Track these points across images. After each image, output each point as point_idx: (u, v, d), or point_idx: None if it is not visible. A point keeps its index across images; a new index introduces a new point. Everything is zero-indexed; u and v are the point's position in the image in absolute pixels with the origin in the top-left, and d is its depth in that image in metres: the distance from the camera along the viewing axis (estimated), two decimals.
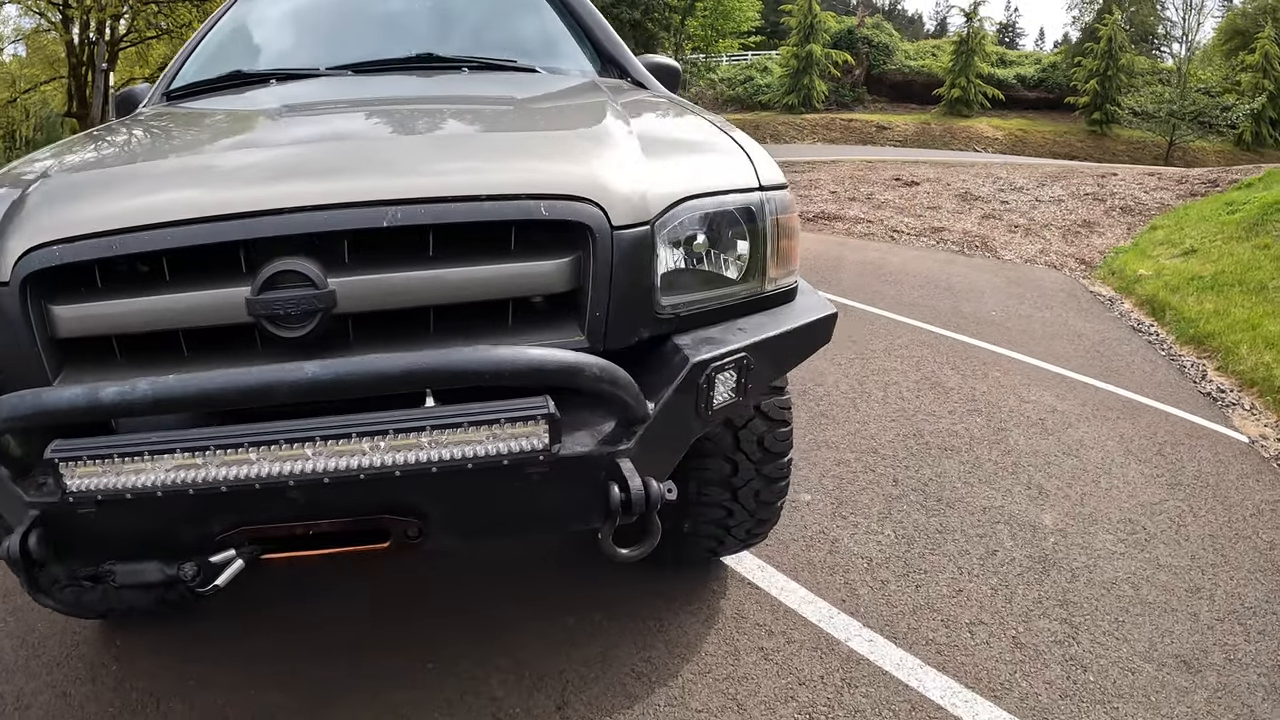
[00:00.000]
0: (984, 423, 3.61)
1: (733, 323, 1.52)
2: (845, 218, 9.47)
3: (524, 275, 1.32)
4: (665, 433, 1.38)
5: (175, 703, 2.00)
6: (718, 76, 32.20)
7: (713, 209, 1.48)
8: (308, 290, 1.21)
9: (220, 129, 2.00)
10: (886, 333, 4.98)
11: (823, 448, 3.35)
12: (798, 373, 4.17)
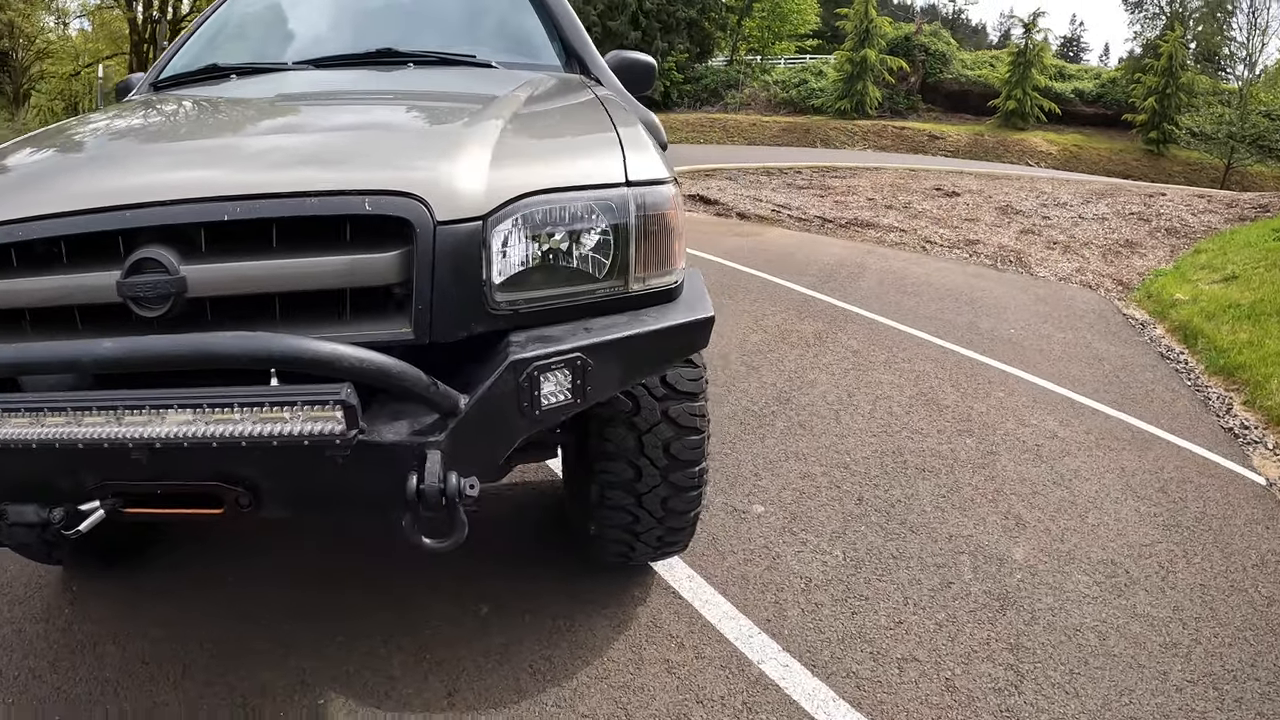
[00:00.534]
0: (973, 445, 3.38)
1: (582, 322, 1.47)
2: (878, 225, 9.19)
3: (353, 268, 1.36)
4: (483, 429, 1.37)
5: (110, 646, 2.18)
6: (772, 79, 31.82)
7: (561, 204, 1.45)
8: (162, 276, 1.31)
9: (150, 123, 2.03)
10: (891, 344, 4.75)
11: (791, 459, 3.17)
12: (781, 379, 4.12)
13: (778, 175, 14.19)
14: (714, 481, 2.97)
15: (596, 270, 1.49)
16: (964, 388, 4.09)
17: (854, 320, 5.26)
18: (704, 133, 27.72)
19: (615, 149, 1.58)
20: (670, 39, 30.29)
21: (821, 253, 7.55)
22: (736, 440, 3.34)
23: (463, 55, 2.52)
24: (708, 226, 8.94)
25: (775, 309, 5.45)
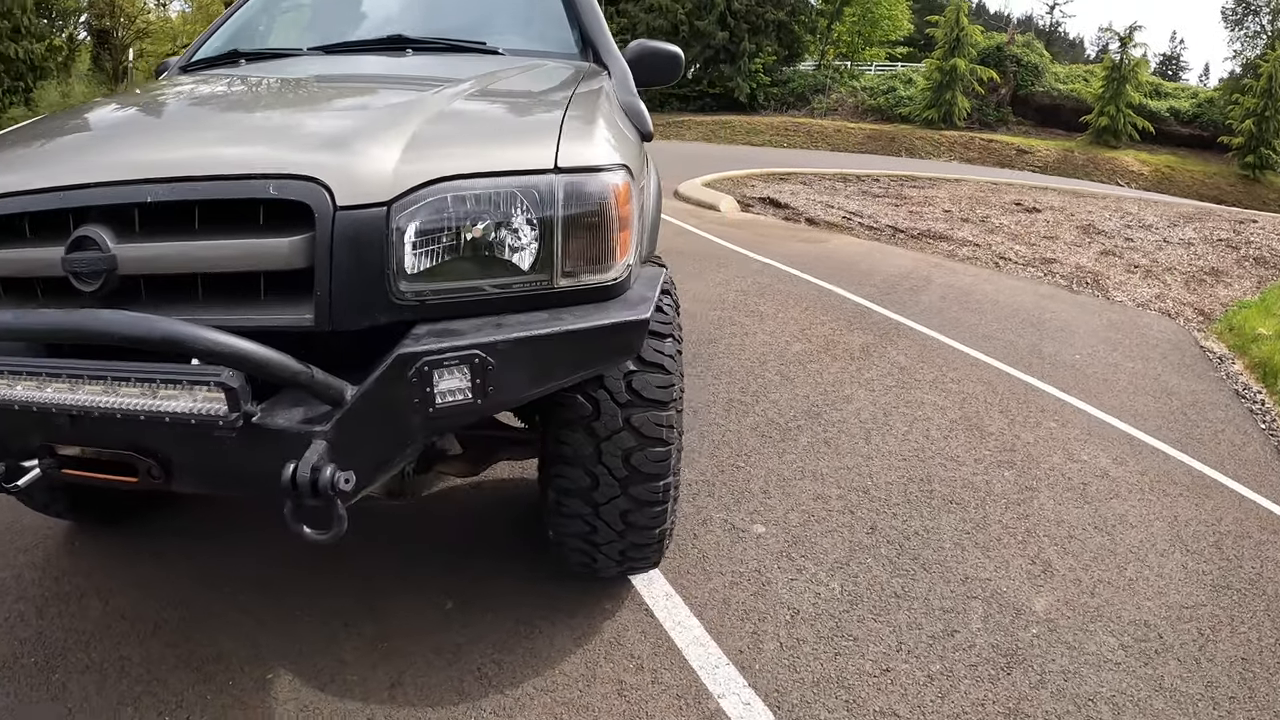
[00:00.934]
0: (1011, 479, 3.13)
1: (496, 318, 1.39)
2: (952, 239, 8.77)
3: (259, 251, 1.35)
4: (372, 423, 1.32)
5: (94, 600, 2.28)
6: (860, 85, 31.03)
7: (476, 191, 1.38)
8: (96, 254, 1.36)
9: (129, 109, 2.05)
10: (942, 363, 4.48)
11: (807, 478, 2.99)
12: (815, 392, 3.93)
13: (854, 182, 13.77)
14: (719, 495, 2.83)
15: (517, 263, 1.41)
16: (1013, 414, 3.81)
17: (907, 335, 4.99)
18: (788, 137, 27.23)
19: (551, 134, 1.49)
20: (758, 41, 29.86)
21: (887, 263, 7.24)
22: (753, 453, 3.18)
23: (470, 42, 2.51)
24: (773, 230, 8.71)
25: (825, 319, 5.23)
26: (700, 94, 30.54)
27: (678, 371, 1.84)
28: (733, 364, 4.23)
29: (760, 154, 21.13)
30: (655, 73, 2.61)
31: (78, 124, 1.89)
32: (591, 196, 1.44)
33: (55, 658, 2.11)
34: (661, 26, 29.10)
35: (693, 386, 3.87)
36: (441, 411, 1.33)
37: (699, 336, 4.64)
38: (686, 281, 5.94)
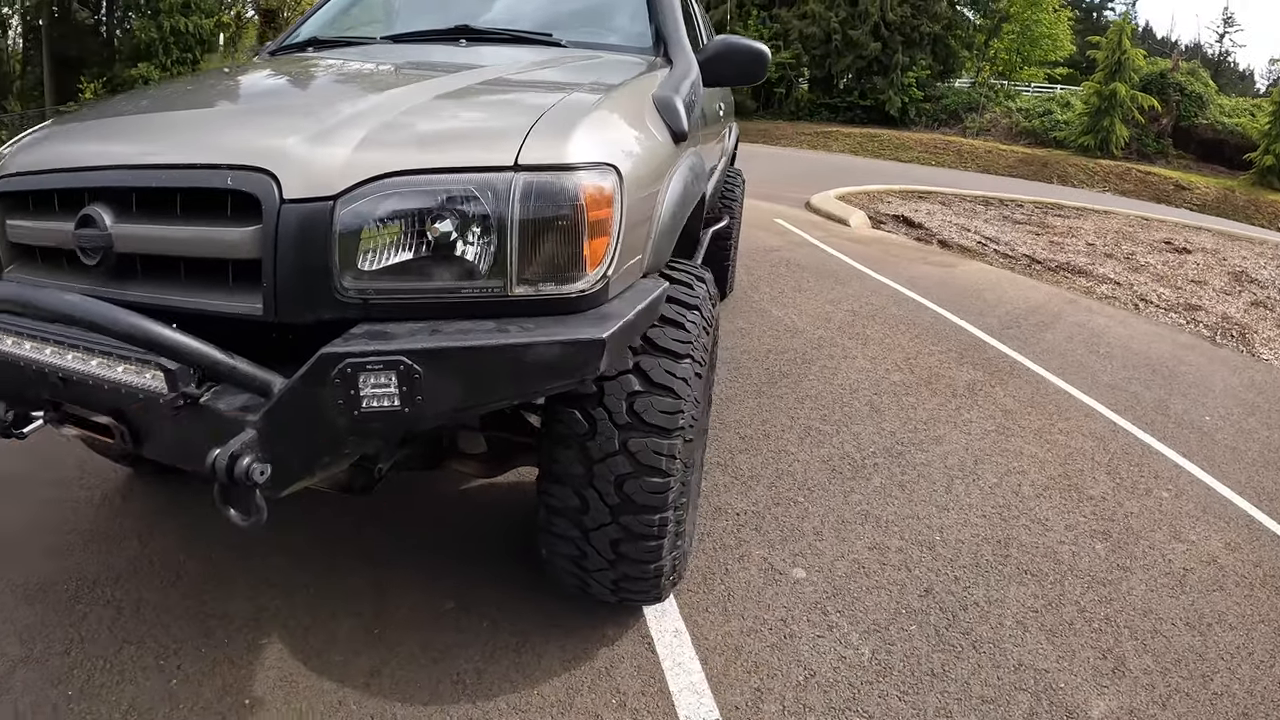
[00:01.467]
0: (1103, 553, 2.72)
1: (436, 323, 1.31)
2: (1091, 274, 7.99)
3: (218, 239, 1.38)
4: (300, 419, 1.27)
5: (133, 541, 2.41)
6: (1015, 105, 29.08)
7: (424, 187, 1.31)
8: (96, 231, 1.45)
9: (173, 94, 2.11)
10: (1053, 410, 4.02)
11: (868, 523, 2.72)
12: (903, 428, 3.61)
13: (996, 206, 12.85)
14: (765, 530, 2.62)
15: (467, 267, 1.32)
16: (1121, 477, 3.35)
17: (1021, 375, 4.53)
18: (937, 155, 25.89)
19: (522, 128, 1.38)
20: (912, 54, 28.52)
21: (1015, 295, 6.66)
22: (816, 489, 2.94)
23: (535, 33, 2.47)
24: (901, 250, 8.22)
25: (935, 349, 4.84)
26: (851, 105, 29.56)
27: (691, 397, 1.67)
28: (821, 389, 3.97)
29: (905, 170, 20.19)
30: (738, 71, 2.46)
31: (119, 108, 1.97)
32: (555, 198, 1.33)
33: (84, 588, 2.22)
34: (814, 34, 28.37)
35: (771, 408, 3.65)
36: (368, 415, 1.25)
37: (793, 356, 4.40)
38: (794, 296, 5.69)
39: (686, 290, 1.81)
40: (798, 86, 30.73)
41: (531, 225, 1.31)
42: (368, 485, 1.59)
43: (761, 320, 5.04)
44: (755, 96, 30.13)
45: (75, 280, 1.54)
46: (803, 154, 22.81)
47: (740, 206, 5.32)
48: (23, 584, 2.23)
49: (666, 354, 1.66)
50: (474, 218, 1.30)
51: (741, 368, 4.17)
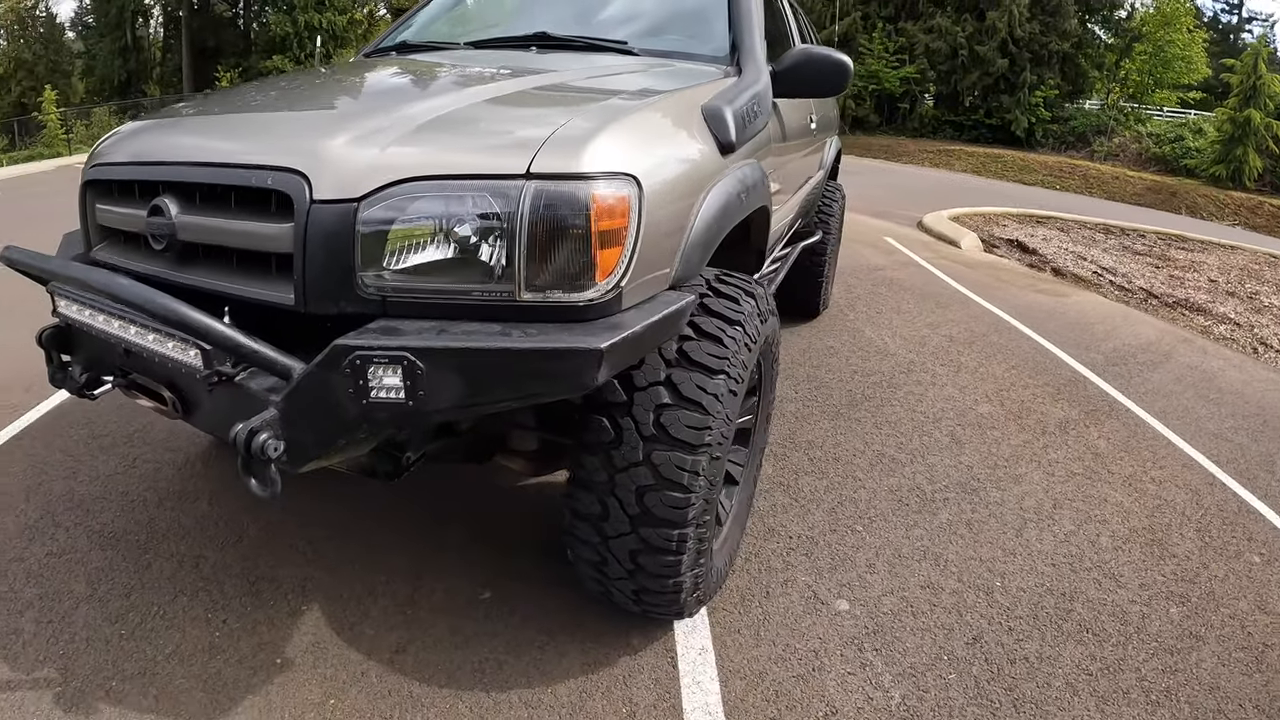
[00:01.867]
0: (1176, 618, 2.46)
1: (445, 323, 1.37)
2: (1210, 313, 7.35)
3: (259, 233, 1.48)
4: (315, 404, 1.35)
5: (204, 502, 2.61)
6: (1146, 130, 27.10)
7: (439, 193, 1.36)
8: (163, 220, 1.59)
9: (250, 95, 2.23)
10: (1148, 457, 3.70)
11: (926, 560, 2.59)
12: (982, 463, 3.45)
13: (1116, 235, 12.02)
14: (816, 557, 2.54)
15: (478, 270, 1.36)
16: (1210, 537, 3.05)
17: (1119, 416, 4.21)
18: (1061, 179, 24.44)
19: (540, 137, 1.40)
20: (1040, 72, 26.99)
21: (1127, 330, 6.21)
22: (878, 519, 2.82)
23: (609, 41, 2.51)
24: (1012, 276, 7.81)
25: (1030, 382, 4.57)
26: (976, 124, 28.31)
27: (722, 415, 1.63)
28: (903, 415, 3.81)
29: (1027, 194, 19.18)
30: (818, 82, 2.40)
31: (198, 105, 2.14)
32: (564, 206, 1.34)
33: (153, 541, 2.39)
34: (940, 49, 27.34)
35: (847, 431, 3.54)
36: (376, 405, 1.31)
37: (880, 379, 4.25)
38: (891, 318, 5.50)
39: (730, 305, 1.77)
40: (922, 102, 29.73)
41: (540, 233, 1.33)
42: (393, 472, 1.63)
43: (852, 340, 4.89)
44: (879, 111, 29.37)
45: (147, 262, 1.69)
46: (923, 172, 22.05)
47: (839, 222, 5.18)
48: (99, 531, 2.42)
49: (700, 369, 1.63)
50: (485, 224, 1.34)
51: (824, 387, 4.06)
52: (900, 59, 28.13)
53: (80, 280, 1.59)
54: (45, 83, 36.88)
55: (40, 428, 3.24)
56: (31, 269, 1.78)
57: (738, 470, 2.24)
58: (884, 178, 16.88)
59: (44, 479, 2.80)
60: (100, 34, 38.57)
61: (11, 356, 4.17)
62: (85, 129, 30.88)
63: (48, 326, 1.86)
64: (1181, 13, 28.19)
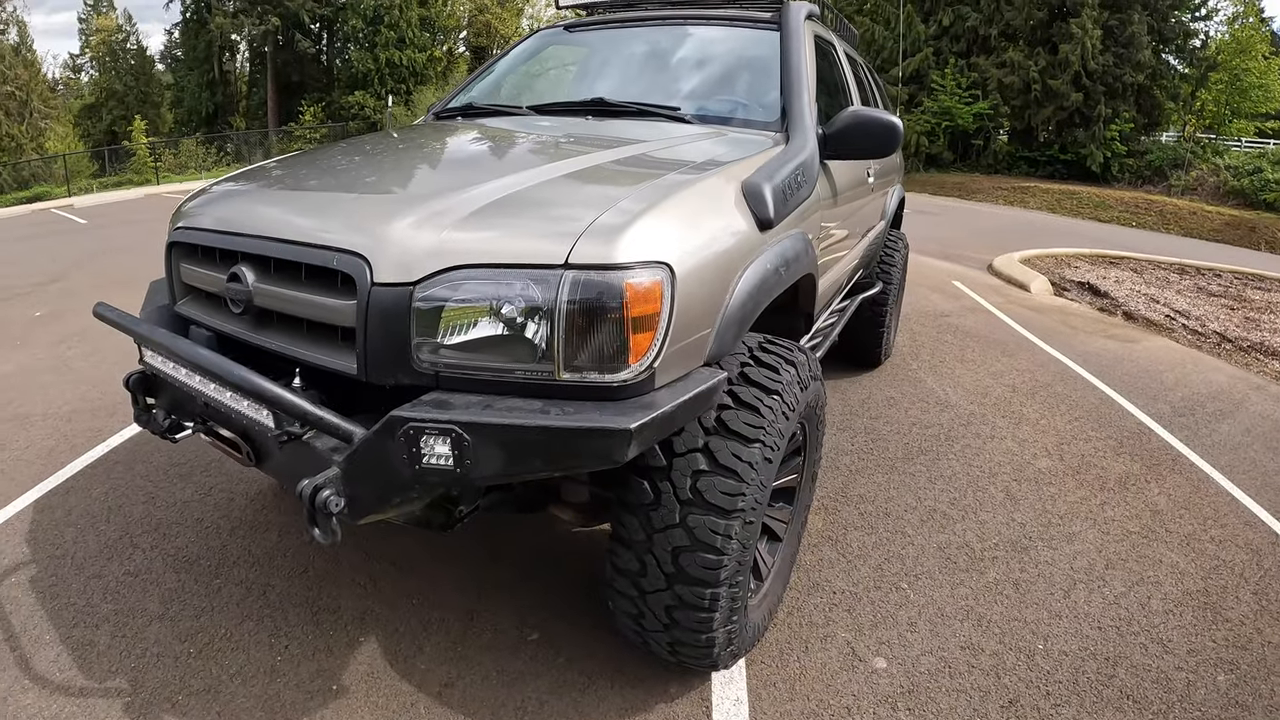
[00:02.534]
0: (1224, 686, 2.34)
1: (492, 399, 1.47)
2: None
3: (327, 308, 1.60)
4: (372, 465, 1.46)
5: (273, 534, 2.77)
6: (1224, 162, 25.94)
7: (485, 281, 1.47)
8: (241, 287, 1.74)
9: (330, 162, 2.36)
10: (1209, 515, 3.49)
11: (969, 621, 2.57)
12: (1035, 520, 3.48)
13: (1191, 275, 11.57)
14: (858, 613, 2.55)
15: (521, 352, 1.46)
16: (1268, 601, 2.91)
17: (1182, 471, 4.08)
18: (1137, 215, 23.62)
19: (579, 225, 1.49)
20: (1115, 105, 26.18)
21: (1198, 377, 5.98)
22: (924, 576, 2.82)
23: (662, 108, 2.62)
24: (1081, 321, 7.59)
25: (1093, 434, 4.46)
26: (1050, 159, 27.58)
27: (756, 481, 1.70)
28: (959, 469, 3.77)
29: (1102, 232, 18.60)
30: (868, 144, 2.42)
31: (283, 172, 2.27)
32: (601, 295, 1.43)
33: (224, 568, 2.56)
34: (1013, 84, 26.85)
35: (900, 485, 3.53)
36: (428, 470, 1.42)
37: (938, 431, 4.21)
38: (954, 366, 5.43)
39: (769, 374, 1.84)
40: (996, 138, 29.22)
41: (577, 319, 1.43)
42: (446, 524, 1.74)
43: (913, 390, 4.86)
44: (952, 148, 28.89)
45: (227, 322, 1.86)
46: (996, 210, 21.56)
47: (901, 272, 5.14)
48: (174, 554, 2.61)
49: (737, 437, 1.70)
50: (527, 310, 1.44)
51: (880, 439, 4.04)
52: (973, 95, 27.70)
53: (167, 347, 1.75)
54: (135, 112, 39.31)
55: (122, 452, 3.49)
56: (121, 328, 1.97)
57: (781, 527, 2.28)
58: (955, 217, 16.64)
59: (124, 501, 3.02)
60: (189, 67, 40.88)
61: (95, 383, 4.50)
62: (173, 158, 32.70)
63: (134, 372, 2.06)
64: (1257, 39, 27.15)
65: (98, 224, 14.17)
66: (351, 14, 35.60)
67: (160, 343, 1.77)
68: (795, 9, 2.99)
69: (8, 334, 5.87)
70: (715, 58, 3.00)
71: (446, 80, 36.85)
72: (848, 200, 3.12)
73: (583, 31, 3.36)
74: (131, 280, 7.47)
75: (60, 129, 38.34)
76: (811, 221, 2.43)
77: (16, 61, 35.19)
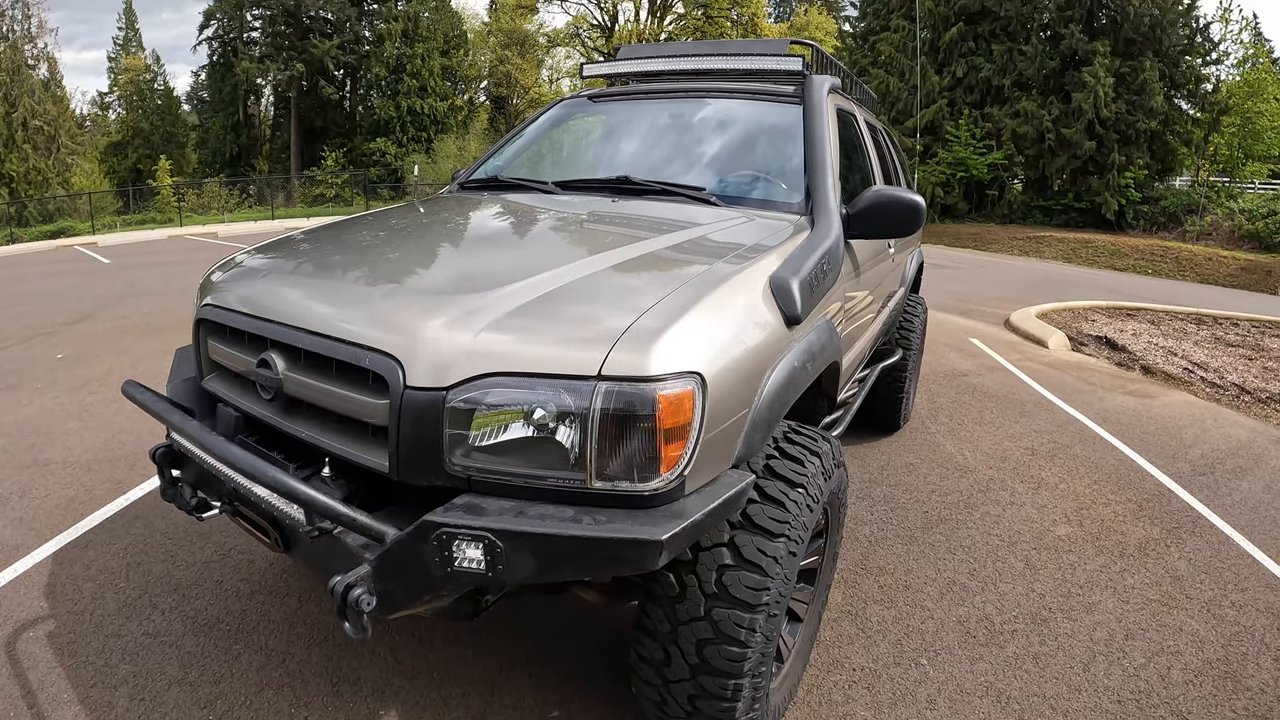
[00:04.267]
0: None
1: (525, 505, 1.47)
2: None
3: (359, 404, 1.61)
4: (404, 565, 1.47)
5: (293, 599, 2.78)
6: (1238, 206, 25.86)
7: (519, 388, 1.47)
8: (271, 374, 1.76)
9: (362, 242, 2.38)
10: (1230, 579, 3.42)
11: (988, 698, 2.54)
12: (1056, 591, 3.46)
13: (1209, 325, 11.49)
14: (878, 691, 2.53)
15: (553, 459, 1.47)
16: None
17: (1202, 534, 4.01)
18: (1153, 263, 23.59)
19: (612, 333, 1.50)
20: (1128, 152, 26.31)
21: (1217, 432, 5.92)
22: (943, 652, 2.78)
23: (686, 188, 2.62)
24: (1099, 378, 7.53)
25: (1112, 498, 4.42)
26: (1065, 208, 27.69)
27: (780, 575, 1.71)
28: (978, 539, 3.73)
29: (1118, 281, 18.57)
30: (892, 224, 2.41)
31: (313, 248, 2.28)
32: (633, 406, 1.43)
33: (243, 632, 2.57)
34: (1026, 133, 27.11)
35: (919, 556, 3.50)
36: (460, 572, 1.43)
37: (957, 499, 4.18)
38: (973, 430, 5.40)
39: (794, 468, 1.84)
40: (1011, 188, 29.38)
41: (609, 430, 1.44)
42: (473, 613, 1.75)
43: (932, 455, 4.82)
44: (967, 199, 29.11)
45: (257, 405, 1.87)
46: (1012, 262, 21.59)
47: (920, 338, 5.09)
48: (193, 616, 2.63)
49: (761, 532, 1.71)
50: (560, 419, 1.45)
51: (900, 508, 4.01)
52: (987, 145, 27.92)
53: (199, 440, 1.75)
54: (160, 152, 40.25)
55: (143, 506, 3.52)
56: (152, 413, 1.97)
57: (802, 608, 2.28)
58: (971, 270, 16.67)
59: (144, 559, 3.04)
60: (214, 109, 41.90)
61: (117, 431, 4.55)
62: (196, 198, 33.36)
63: (160, 445, 2.07)
64: (1269, 82, 27.21)
65: (121, 264, 14.43)
66: (375, 62, 36.53)
67: (193, 435, 1.78)
68: (818, 83, 3.00)
69: (30, 374, 5.97)
70: (739, 134, 3.01)
71: (467, 129, 37.48)
72: (870, 273, 3.10)
73: (606, 102, 3.41)
74: (156, 328, 7.60)
75: (86, 165, 39.18)
76: (836, 306, 2.41)
77: (46, 97, 36.13)
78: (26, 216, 31.18)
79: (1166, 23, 26.14)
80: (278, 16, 37.37)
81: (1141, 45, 26.34)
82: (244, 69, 37.70)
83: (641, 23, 41.43)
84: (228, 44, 40.09)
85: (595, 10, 42.42)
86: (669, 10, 42.33)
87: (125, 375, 5.86)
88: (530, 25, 41.59)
